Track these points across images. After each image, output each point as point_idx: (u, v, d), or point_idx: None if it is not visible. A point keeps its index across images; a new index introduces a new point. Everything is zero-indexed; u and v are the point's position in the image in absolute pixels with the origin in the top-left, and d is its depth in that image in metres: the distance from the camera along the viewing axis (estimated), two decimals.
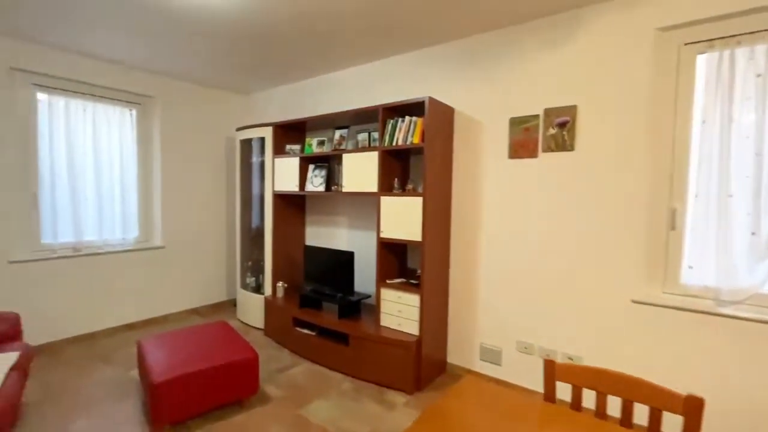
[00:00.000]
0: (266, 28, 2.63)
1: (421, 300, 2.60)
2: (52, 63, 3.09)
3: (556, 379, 1.25)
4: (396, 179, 2.82)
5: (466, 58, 2.77)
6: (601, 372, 1.18)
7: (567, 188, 2.38)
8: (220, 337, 2.60)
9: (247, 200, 3.97)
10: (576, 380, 1.22)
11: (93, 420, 2.24)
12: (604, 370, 1.18)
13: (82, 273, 3.34)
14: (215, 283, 4.37)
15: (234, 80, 3.92)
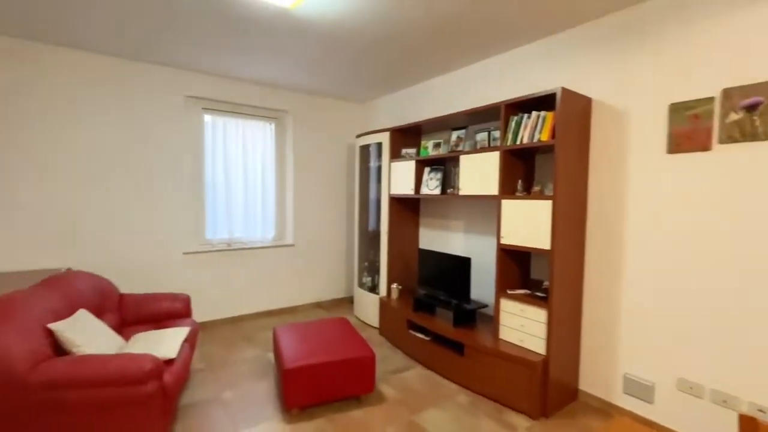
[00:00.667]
0: (388, 40, 2.69)
1: (549, 315, 2.32)
2: (214, 89, 3.72)
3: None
4: (519, 181, 2.58)
5: (608, 39, 2.38)
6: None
7: (759, 187, 1.83)
8: (341, 333, 2.74)
9: (365, 203, 4.16)
10: None
11: (238, 393, 2.58)
12: None
13: (232, 264, 3.94)
14: (336, 280, 4.69)
15: (354, 91, 4.15)
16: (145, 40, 2.86)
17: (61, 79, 3.01)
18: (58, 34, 2.78)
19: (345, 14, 2.41)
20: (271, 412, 2.37)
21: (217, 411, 2.37)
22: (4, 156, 2.84)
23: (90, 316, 2.18)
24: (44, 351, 1.76)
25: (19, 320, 1.76)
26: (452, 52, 3.00)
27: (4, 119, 2.83)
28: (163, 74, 3.44)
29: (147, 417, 1.80)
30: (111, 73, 3.21)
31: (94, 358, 1.76)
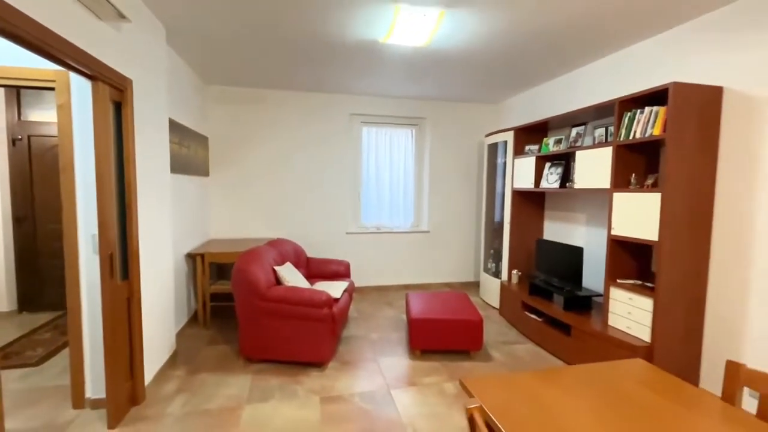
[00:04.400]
0: (509, 54, 3.11)
1: (655, 304, 2.40)
2: (369, 106, 4.76)
3: None
4: (633, 174, 2.66)
5: (741, 23, 2.25)
6: None
7: None
8: (459, 302, 3.34)
9: (492, 196, 4.58)
10: None
11: (380, 336, 3.48)
12: None
13: (380, 244, 4.96)
14: (464, 264, 5.26)
15: (484, 94, 4.60)
16: (324, 77, 4.04)
17: (276, 112, 4.51)
18: (275, 81, 4.21)
19: (468, 42, 2.97)
20: (401, 351, 3.18)
21: (366, 344, 3.31)
22: (246, 165, 4.48)
23: (292, 266, 3.40)
24: (272, 280, 2.97)
25: (260, 262, 3.00)
26: (568, 56, 3.18)
27: (248, 142, 4.46)
28: (334, 99, 4.66)
29: (323, 331, 2.81)
30: (302, 102, 4.58)
31: (298, 288, 2.86)
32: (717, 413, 1.13)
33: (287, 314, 2.78)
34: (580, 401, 1.19)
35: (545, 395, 1.22)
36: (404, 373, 2.81)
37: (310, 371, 2.82)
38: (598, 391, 1.26)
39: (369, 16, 2.55)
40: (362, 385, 2.64)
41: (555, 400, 1.19)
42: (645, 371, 1.39)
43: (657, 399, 1.20)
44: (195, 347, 3.19)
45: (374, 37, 2.90)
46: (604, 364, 1.44)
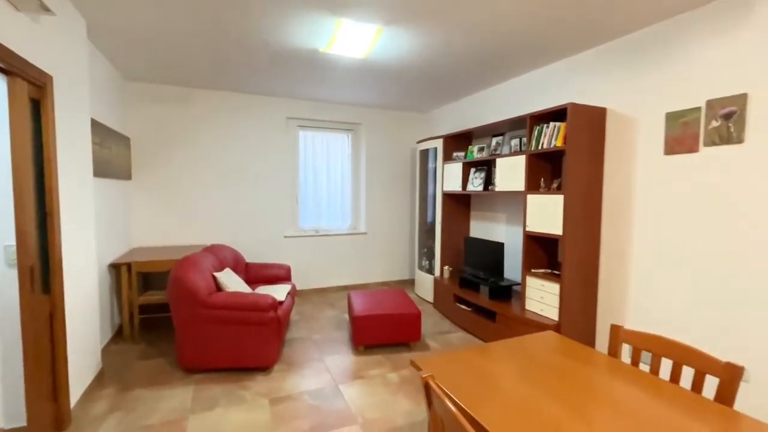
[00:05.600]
0: (439, 69, 3.42)
1: (561, 288, 2.85)
2: (306, 110, 4.81)
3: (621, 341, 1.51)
4: (542, 179, 3.13)
5: (621, 59, 2.81)
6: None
7: (733, 184, 2.20)
8: (398, 298, 3.57)
9: (424, 199, 4.92)
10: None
11: (323, 336, 3.57)
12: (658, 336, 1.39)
13: (319, 247, 5.01)
14: (400, 263, 5.54)
15: (416, 103, 4.93)
16: (260, 80, 4.01)
17: (207, 112, 4.34)
18: (206, 81, 4.06)
19: (403, 56, 3.21)
20: (346, 348, 3.30)
21: (310, 345, 3.37)
22: (173, 168, 4.24)
23: (232, 272, 3.33)
24: (212, 287, 2.90)
25: (198, 269, 2.91)
26: (492, 73, 3.62)
27: (175, 143, 4.22)
28: (271, 102, 4.62)
29: (269, 334, 2.83)
30: (236, 104, 4.47)
31: (241, 293, 2.84)
32: (605, 365, 1.46)
33: (230, 320, 2.74)
34: (508, 367, 1.45)
35: (480, 365, 1.46)
36: (350, 368, 2.94)
37: (255, 376, 2.81)
38: (521, 358, 1.53)
39: (311, 26, 2.66)
40: (310, 383, 2.72)
41: (488, 368, 1.43)
42: (555, 340, 1.72)
43: (564, 359, 1.51)
44: (124, 363, 2.98)
45: (315, 46, 3.00)
46: (524, 337, 1.74)
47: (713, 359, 1.24)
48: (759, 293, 2.09)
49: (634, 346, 1.48)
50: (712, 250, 2.30)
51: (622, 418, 1.12)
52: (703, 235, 2.34)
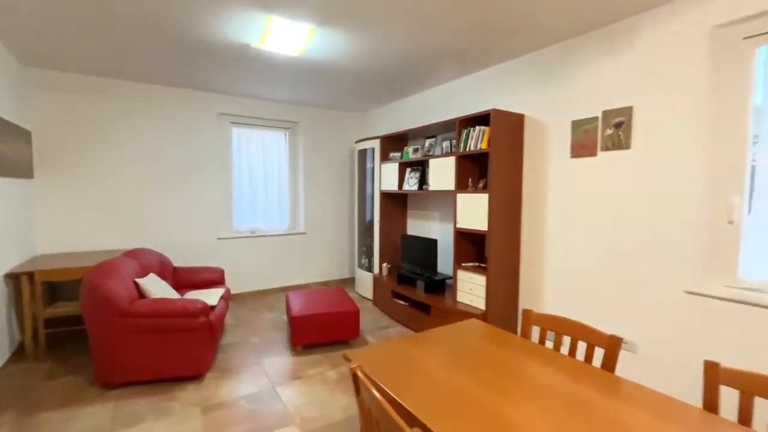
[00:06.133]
0: (375, 71, 3.50)
1: (487, 280, 3.09)
2: (240, 107, 4.63)
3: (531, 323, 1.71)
4: (470, 179, 3.35)
5: (536, 70, 3.11)
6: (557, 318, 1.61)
7: (623, 182, 2.56)
8: (337, 297, 3.60)
9: (363, 198, 5.00)
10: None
11: (261, 338, 3.48)
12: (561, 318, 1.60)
13: (256, 248, 4.86)
14: (340, 262, 5.57)
15: (354, 103, 4.98)
16: (188, 73, 3.79)
17: (127, 105, 3.99)
18: (125, 71, 3.74)
19: (339, 57, 3.23)
20: (284, 350, 3.26)
21: (246, 349, 3.28)
22: (86, 166, 3.84)
23: (158, 278, 3.11)
24: (134, 294, 2.70)
25: (117, 275, 2.69)
26: (425, 77, 3.79)
27: (88, 139, 3.83)
28: (201, 97, 4.38)
29: (201, 341, 2.70)
30: (161, 97, 4.16)
31: (168, 299, 2.67)
32: (518, 346, 1.64)
33: (156, 328, 2.58)
34: (434, 354, 1.56)
35: (409, 354, 1.56)
36: (288, 370, 2.92)
37: (186, 385, 2.67)
38: (446, 345, 1.66)
39: (240, 21, 2.58)
40: (246, 388, 2.65)
41: (416, 356, 1.53)
42: (478, 327, 1.88)
43: (484, 343, 1.66)
44: (26, 385, 2.65)
45: (246, 41, 2.92)
46: (450, 326, 1.88)
47: (600, 333, 1.46)
48: (645, 276, 2.46)
49: (541, 327, 1.68)
50: (609, 238, 2.65)
51: (531, 390, 1.27)
52: (601, 224, 2.69)
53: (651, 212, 2.42)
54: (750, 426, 1.14)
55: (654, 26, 2.38)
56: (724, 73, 2.13)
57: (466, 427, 1.08)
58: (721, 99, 2.15)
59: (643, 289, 2.47)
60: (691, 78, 2.23)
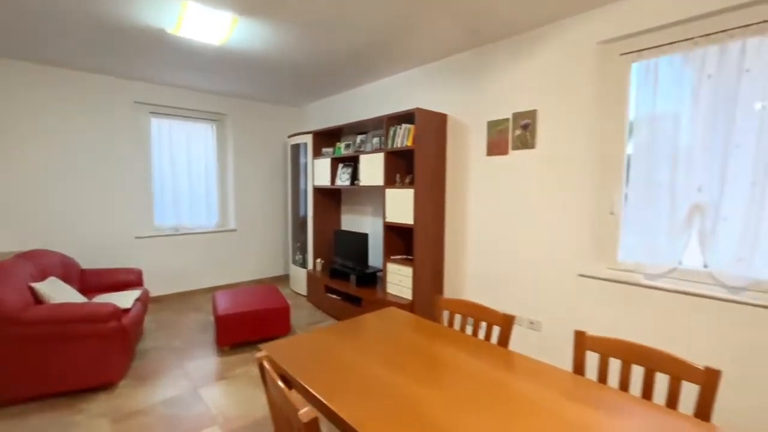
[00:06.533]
0: (306, 61, 3.47)
1: (413, 271, 3.24)
2: (160, 95, 4.32)
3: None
4: (398, 175, 3.48)
5: (457, 73, 3.30)
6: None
7: (530, 179, 2.83)
8: (267, 294, 3.54)
9: (297, 193, 4.93)
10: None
11: (185, 342, 3.32)
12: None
13: (181, 246, 4.58)
14: (274, 259, 5.45)
15: (287, 97, 4.88)
16: (94, 57, 3.45)
17: (19, 88, 3.53)
18: (27, 51, 3.31)
19: (270, 50, 3.16)
20: (210, 351, 3.14)
21: (168, 353, 3.10)
22: None
23: (59, 281, 2.83)
24: (29, 300, 2.43)
25: (9, 279, 2.40)
26: (356, 74, 3.84)
27: None
28: (112, 83, 4.01)
29: (112, 347, 2.51)
30: (64, 81, 3.75)
31: (71, 304, 2.44)
32: (428, 329, 1.76)
33: (58, 336, 2.35)
34: (349, 341, 1.63)
35: (326, 342, 1.61)
36: (213, 371, 2.82)
37: (95, 396, 2.47)
38: (364, 332, 1.73)
39: (152, 2, 2.42)
40: (165, 393, 2.53)
41: (333, 345, 1.59)
42: (394, 314, 1.98)
43: (399, 329, 1.76)
44: None
45: (161, 25, 2.74)
46: (367, 315, 1.96)
47: (496, 313, 1.63)
48: (548, 262, 2.76)
49: (449, 311, 1.82)
50: (518, 229, 2.92)
51: (433, 368, 1.39)
52: (511, 217, 2.96)
53: (552, 205, 2.71)
54: (606, 382, 1.36)
55: (553, 38, 2.65)
56: (607, 85, 2.45)
57: (370, 405, 1.16)
58: (605, 107, 2.47)
59: (546, 273, 2.76)
60: (582, 87, 2.53)
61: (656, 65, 2.24)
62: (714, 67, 2.03)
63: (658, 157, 2.24)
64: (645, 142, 2.29)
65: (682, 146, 2.15)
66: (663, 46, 2.21)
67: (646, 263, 2.30)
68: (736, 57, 1.96)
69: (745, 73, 1.94)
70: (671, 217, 2.20)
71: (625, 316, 2.39)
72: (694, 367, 1.18)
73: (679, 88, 2.15)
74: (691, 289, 2.13)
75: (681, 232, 2.18)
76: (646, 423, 1.07)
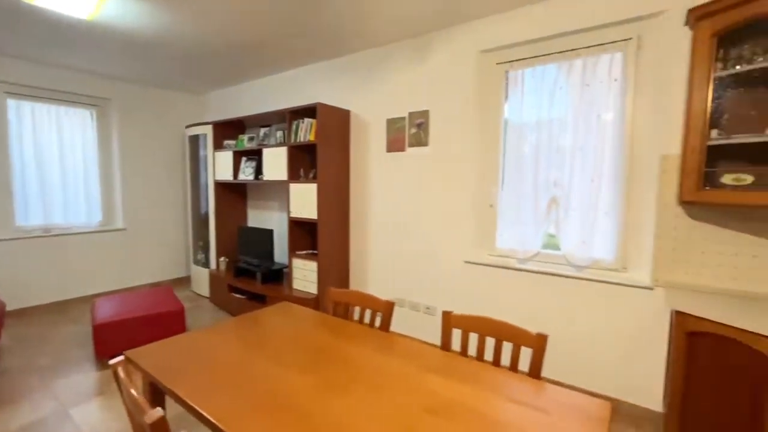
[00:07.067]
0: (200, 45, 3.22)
1: (318, 266, 3.26)
2: (20, 73, 3.67)
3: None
4: (302, 169, 3.45)
5: (358, 69, 3.37)
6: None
7: (423, 174, 3.03)
8: (159, 297, 3.26)
9: (197, 188, 4.59)
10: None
11: (56, 357, 2.90)
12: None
13: (53, 249, 3.97)
14: (175, 260, 5.02)
15: (186, 83, 4.50)
16: None
17: None
18: None
19: (155, 29, 2.86)
20: (87, 366, 2.80)
21: (30, 373, 2.69)
22: None
23: None
24: None
25: None
26: (257, 64, 3.69)
27: None
28: None
29: None
30: None
31: None
32: (318, 321, 1.80)
33: None
34: (234, 339, 1.59)
35: (206, 342, 1.55)
36: (89, 387, 2.53)
37: None
38: (250, 329, 1.70)
39: None
40: (23, 418, 2.19)
41: (214, 344, 1.54)
42: (288, 309, 1.98)
43: (289, 322, 1.77)
44: None
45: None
46: (257, 312, 1.93)
47: (378, 300, 1.73)
48: (439, 251, 2.98)
49: (337, 301, 1.88)
50: (414, 223, 3.11)
51: (313, 356, 1.42)
52: (408, 211, 3.13)
53: (443, 199, 2.94)
54: (467, 354, 1.53)
55: (442, 44, 2.86)
56: (486, 91, 2.73)
57: (240, 401, 1.15)
58: (485, 111, 2.74)
59: (439, 262, 2.99)
60: (466, 91, 2.77)
61: (523, 75, 2.55)
62: (564, 80, 2.38)
63: (526, 156, 2.56)
64: (515, 143, 2.61)
65: (542, 147, 2.49)
66: (527, 59, 2.52)
67: (518, 249, 2.63)
68: (579, 72, 2.33)
69: (586, 86, 2.31)
70: (535, 208, 2.54)
71: (503, 295, 2.70)
72: (529, 334, 1.39)
73: (539, 97, 2.48)
74: (550, 269, 2.49)
75: (542, 222, 2.53)
76: (488, 384, 1.24)
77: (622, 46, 2.20)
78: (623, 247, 2.29)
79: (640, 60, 2.17)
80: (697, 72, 1.79)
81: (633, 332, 2.21)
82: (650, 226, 2.15)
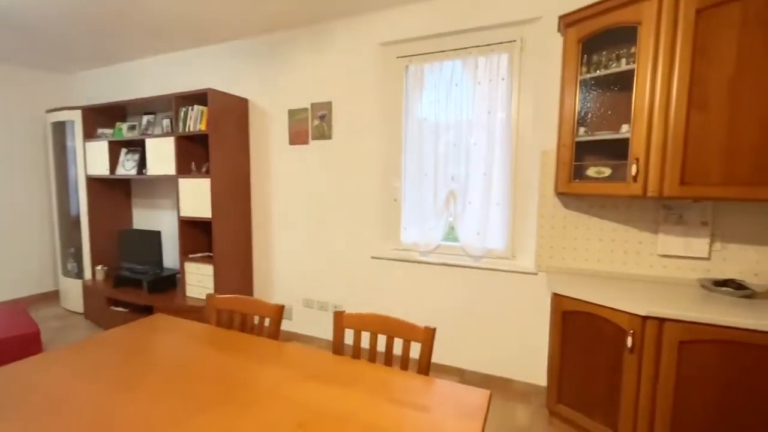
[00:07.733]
0: (50, 18, 2.66)
1: (215, 268, 2.95)
2: None
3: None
4: (193, 162, 3.09)
5: (257, 56, 3.12)
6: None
7: (328, 169, 2.91)
8: (9, 318, 2.66)
9: (65, 185, 3.87)
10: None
11: None
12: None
13: None
14: (36, 272, 4.18)
15: (46, 59, 3.74)
16: None
17: None
18: None
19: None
20: None
21: None
22: None
23: None
24: None
25: None
26: (136, 40, 3.20)
27: None
28: None
29: None
30: None
31: None
32: (194, 333, 1.58)
33: None
34: (75, 366, 1.30)
35: (21, 374, 1.24)
36: None
37: None
38: (95, 352, 1.42)
39: None
40: None
41: (32, 375, 1.24)
42: (161, 321, 1.71)
43: (157, 338, 1.52)
44: None
45: None
46: (117, 329, 1.63)
47: (266, 304, 1.58)
48: (345, 247, 2.90)
49: (219, 308, 1.68)
50: (319, 218, 2.98)
51: (173, 375, 1.22)
52: (313, 207, 3.00)
53: (349, 195, 2.86)
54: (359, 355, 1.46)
55: (343, 34, 2.76)
56: (388, 84, 2.70)
57: None
58: (387, 104, 2.72)
59: (344, 259, 2.91)
60: (369, 84, 2.71)
61: (422, 71, 2.58)
62: (459, 77, 2.46)
63: (426, 150, 2.60)
64: (417, 138, 2.63)
65: (441, 142, 2.55)
66: (426, 54, 2.55)
67: (420, 242, 2.66)
68: (472, 70, 2.41)
69: (479, 84, 2.41)
70: (435, 202, 2.59)
71: (408, 288, 2.71)
72: (417, 328, 1.37)
73: (437, 93, 2.53)
74: (450, 261, 2.56)
75: (442, 215, 2.59)
76: (369, 386, 1.18)
77: (508, 47, 2.33)
78: (513, 236, 2.44)
79: (524, 61, 2.32)
80: (567, 74, 1.95)
81: (522, 316, 2.38)
82: (534, 216, 2.33)
